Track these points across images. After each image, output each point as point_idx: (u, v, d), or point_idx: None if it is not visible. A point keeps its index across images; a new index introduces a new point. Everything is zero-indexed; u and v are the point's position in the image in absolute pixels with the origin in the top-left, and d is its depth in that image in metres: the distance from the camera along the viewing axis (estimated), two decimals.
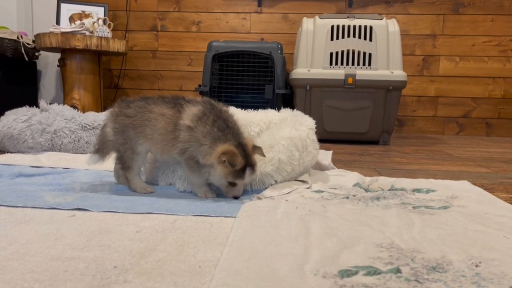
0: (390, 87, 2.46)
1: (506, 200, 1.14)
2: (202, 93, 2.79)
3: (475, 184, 1.34)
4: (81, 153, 1.77)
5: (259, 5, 3.34)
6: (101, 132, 1.23)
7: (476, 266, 0.70)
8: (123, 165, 1.16)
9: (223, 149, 1.02)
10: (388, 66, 2.49)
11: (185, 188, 1.18)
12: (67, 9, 3.13)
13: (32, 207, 0.97)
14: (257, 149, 1.10)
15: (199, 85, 2.82)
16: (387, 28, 2.52)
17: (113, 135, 1.16)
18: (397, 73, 2.47)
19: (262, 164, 1.21)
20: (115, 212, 0.96)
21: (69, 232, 0.82)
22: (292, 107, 1.83)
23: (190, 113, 1.08)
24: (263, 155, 1.12)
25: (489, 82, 3.28)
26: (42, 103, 1.84)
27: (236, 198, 1.10)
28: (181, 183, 1.19)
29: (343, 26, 2.52)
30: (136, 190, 1.16)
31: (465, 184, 1.33)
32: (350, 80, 2.46)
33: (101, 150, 1.21)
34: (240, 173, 1.04)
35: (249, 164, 1.05)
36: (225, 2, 3.37)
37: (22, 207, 0.97)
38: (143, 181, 1.20)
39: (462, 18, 3.25)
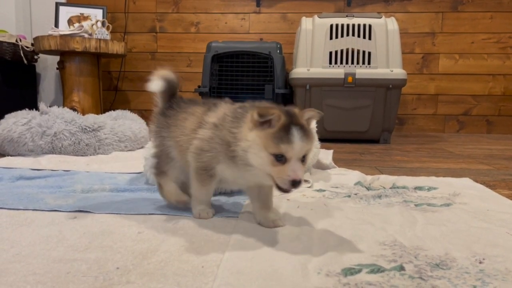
0: (390, 86, 2.46)
1: (508, 197, 1.14)
2: (201, 94, 2.79)
3: (476, 181, 1.33)
4: (82, 155, 1.77)
5: (258, 5, 3.34)
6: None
7: (480, 262, 0.70)
8: (157, 171, 1.00)
9: (256, 110, 0.75)
10: (387, 65, 2.49)
11: None
12: (66, 12, 3.13)
13: (33, 210, 0.97)
14: (308, 110, 0.80)
15: (199, 86, 2.82)
16: (386, 27, 2.52)
17: (152, 138, 1.03)
18: (397, 71, 2.47)
19: None
20: (116, 213, 0.95)
21: (70, 234, 0.82)
22: None
23: (220, 112, 0.87)
24: (319, 114, 0.81)
25: (489, 79, 3.28)
26: (42, 105, 1.84)
27: (295, 185, 0.73)
28: None
29: (342, 25, 2.52)
30: (170, 201, 0.99)
31: (466, 182, 1.33)
32: (350, 79, 2.45)
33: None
34: (284, 134, 0.73)
35: (295, 123, 0.75)
36: (224, 3, 3.37)
37: (23, 209, 0.97)
38: (177, 188, 1.00)
39: (461, 16, 3.25)
